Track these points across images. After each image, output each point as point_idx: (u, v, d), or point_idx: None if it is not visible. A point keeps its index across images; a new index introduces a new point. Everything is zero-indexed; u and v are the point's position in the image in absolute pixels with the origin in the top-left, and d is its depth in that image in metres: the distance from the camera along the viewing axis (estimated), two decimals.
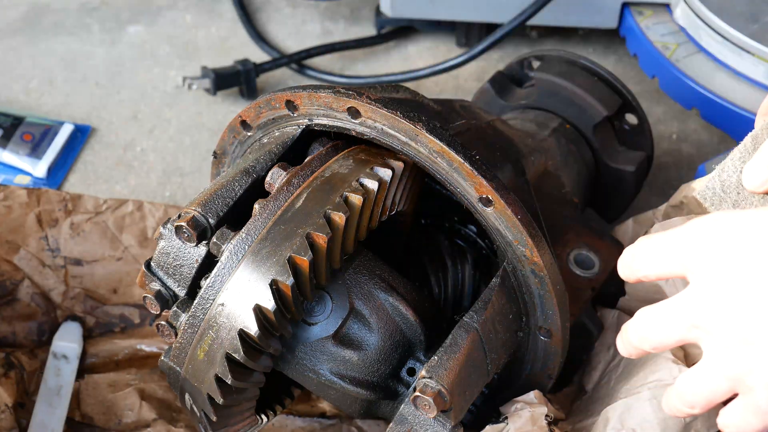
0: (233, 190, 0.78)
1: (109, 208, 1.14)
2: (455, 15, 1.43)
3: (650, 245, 0.63)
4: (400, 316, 0.81)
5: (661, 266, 0.62)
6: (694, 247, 0.59)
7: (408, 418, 0.76)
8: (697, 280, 0.59)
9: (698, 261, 0.58)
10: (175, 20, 1.58)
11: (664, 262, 0.61)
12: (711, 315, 0.58)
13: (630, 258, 0.64)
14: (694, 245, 0.59)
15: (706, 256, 0.58)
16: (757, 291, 0.55)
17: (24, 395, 1.03)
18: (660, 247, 0.62)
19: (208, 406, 0.75)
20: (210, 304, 0.73)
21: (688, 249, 0.59)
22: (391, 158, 0.80)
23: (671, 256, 0.61)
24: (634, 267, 0.64)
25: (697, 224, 0.59)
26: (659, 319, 0.61)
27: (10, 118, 1.36)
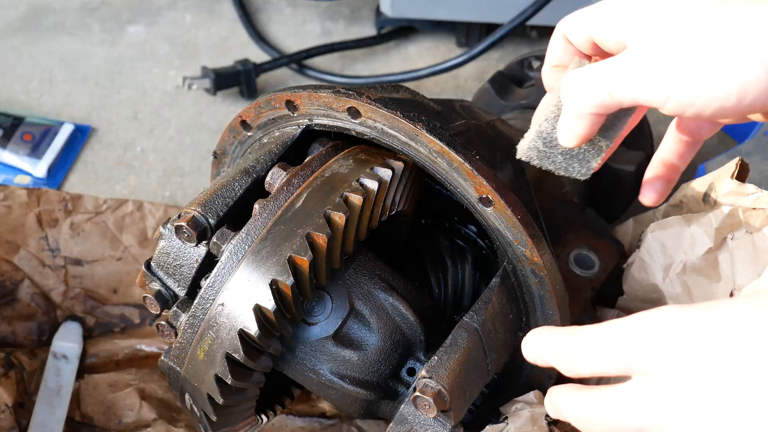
0: (233, 190, 0.79)
1: (109, 208, 1.14)
2: (455, 15, 1.43)
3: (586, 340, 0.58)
4: (400, 316, 0.81)
5: (599, 365, 0.57)
6: (641, 346, 0.55)
7: (408, 418, 0.76)
8: (646, 381, 0.55)
9: (647, 362, 0.54)
10: (175, 20, 1.58)
11: (603, 361, 0.56)
12: (664, 423, 0.54)
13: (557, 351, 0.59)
14: (641, 344, 0.55)
15: (656, 358, 0.54)
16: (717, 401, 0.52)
17: (24, 395, 1.03)
18: (598, 343, 0.57)
19: (208, 406, 0.75)
20: (210, 304, 0.73)
21: (633, 348, 0.55)
22: (391, 158, 0.80)
23: (612, 354, 0.56)
24: (570, 363, 0.59)
25: (642, 320, 0.55)
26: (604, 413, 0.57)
27: (10, 118, 1.36)
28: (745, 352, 0.51)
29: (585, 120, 0.65)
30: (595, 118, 0.65)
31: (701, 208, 0.91)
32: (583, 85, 0.63)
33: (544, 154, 0.70)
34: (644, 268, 0.93)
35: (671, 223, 0.92)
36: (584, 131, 0.66)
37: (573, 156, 0.70)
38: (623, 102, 0.62)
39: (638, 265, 0.94)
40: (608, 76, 0.62)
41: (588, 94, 0.63)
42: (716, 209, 0.87)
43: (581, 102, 0.64)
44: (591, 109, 0.64)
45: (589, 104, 0.64)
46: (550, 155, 0.70)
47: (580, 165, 0.70)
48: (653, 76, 0.59)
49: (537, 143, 0.70)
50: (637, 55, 0.61)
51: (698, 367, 0.52)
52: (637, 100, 0.61)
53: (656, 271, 0.93)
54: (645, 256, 0.93)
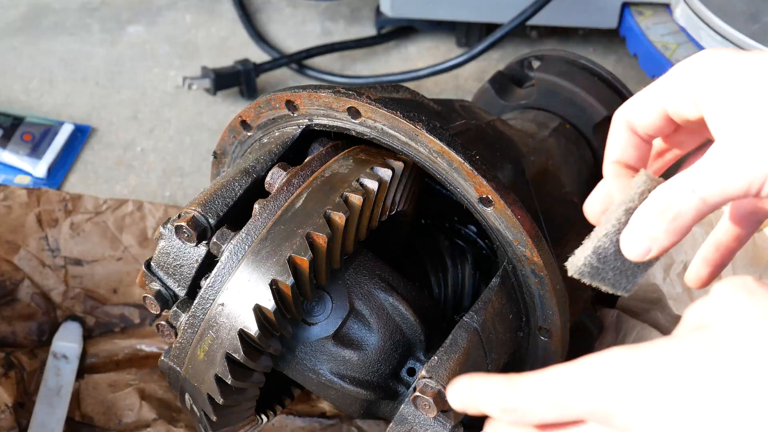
0: (233, 190, 0.78)
1: (109, 208, 1.14)
2: (455, 15, 1.43)
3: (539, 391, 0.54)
4: (400, 316, 0.81)
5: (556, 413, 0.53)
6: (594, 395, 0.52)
7: (408, 418, 0.76)
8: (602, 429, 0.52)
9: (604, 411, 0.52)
10: (175, 20, 1.58)
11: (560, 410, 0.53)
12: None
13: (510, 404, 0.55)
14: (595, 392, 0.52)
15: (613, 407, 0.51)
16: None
17: (24, 395, 1.03)
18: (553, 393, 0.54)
19: (208, 406, 0.75)
20: (210, 304, 0.73)
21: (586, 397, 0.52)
22: (391, 158, 0.80)
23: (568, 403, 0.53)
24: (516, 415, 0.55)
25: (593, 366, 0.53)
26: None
27: (10, 118, 1.36)
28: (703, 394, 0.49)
29: (674, 236, 0.60)
30: (684, 233, 0.60)
31: None
32: (676, 200, 0.58)
33: (596, 271, 0.66)
34: None
35: None
36: (665, 245, 0.60)
37: (623, 272, 0.66)
38: (718, 203, 0.58)
39: None
40: (698, 181, 0.57)
41: (683, 208, 0.58)
42: None
43: (677, 218, 0.59)
44: (687, 223, 0.59)
45: (685, 219, 0.59)
46: (602, 271, 0.66)
47: (627, 281, 0.67)
48: (746, 162, 0.55)
49: (592, 259, 0.65)
50: (725, 146, 0.56)
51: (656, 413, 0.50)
52: (731, 194, 0.57)
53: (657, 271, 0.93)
54: None
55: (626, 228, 0.62)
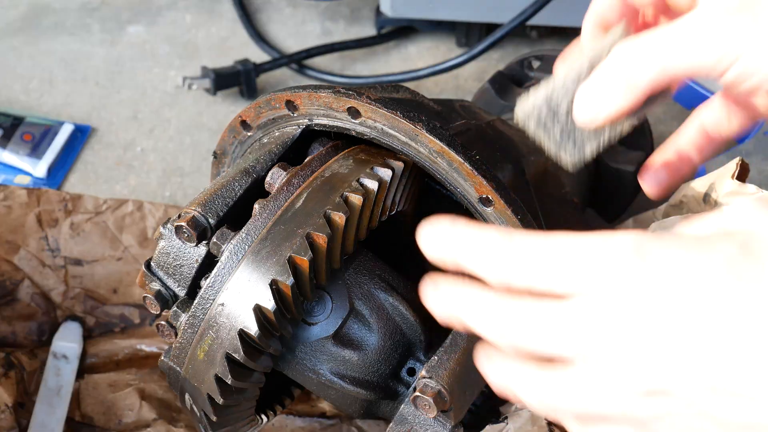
0: (233, 190, 0.79)
1: (109, 208, 1.14)
2: (455, 15, 1.43)
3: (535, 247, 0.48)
4: (400, 316, 0.81)
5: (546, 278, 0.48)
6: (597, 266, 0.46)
7: (408, 418, 0.76)
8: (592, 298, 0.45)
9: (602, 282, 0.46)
10: (175, 20, 1.58)
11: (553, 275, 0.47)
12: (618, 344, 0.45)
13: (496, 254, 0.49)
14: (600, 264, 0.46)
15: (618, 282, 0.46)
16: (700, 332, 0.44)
17: (24, 395, 1.03)
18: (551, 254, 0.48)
19: (208, 406, 0.75)
20: (210, 304, 0.73)
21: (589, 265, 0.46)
22: (391, 158, 0.80)
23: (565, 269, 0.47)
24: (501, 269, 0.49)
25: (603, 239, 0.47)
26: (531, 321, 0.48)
27: (10, 118, 1.36)
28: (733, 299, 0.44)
29: (622, 98, 0.55)
30: (634, 98, 0.55)
31: (702, 208, 0.91)
32: (638, 54, 0.54)
33: (542, 123, 0.60)
34: None
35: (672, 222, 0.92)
36: (612, 110, 0.56)
37: (571, 136, 0.60)
38: (677, 72, 0.53)
39: None
40: (664, 47, 0.53)
41: (642, 64, 0.54)
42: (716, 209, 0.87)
43: (631, 74, 0.54)
44: (640, 84, 0.54)
45: (640, 77, 0.54)
46: (548, 126, 0.60)
47: (573, 149, 0.61)
48: (717, 35, 0.52)
49: (542, 108, 0.60)
50: (701, 14, 0.53)
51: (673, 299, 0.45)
52: (694, 67, 0.53)
53: None
54: None
55: (584, 81, 0.57)
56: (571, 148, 0.62)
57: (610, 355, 0.46)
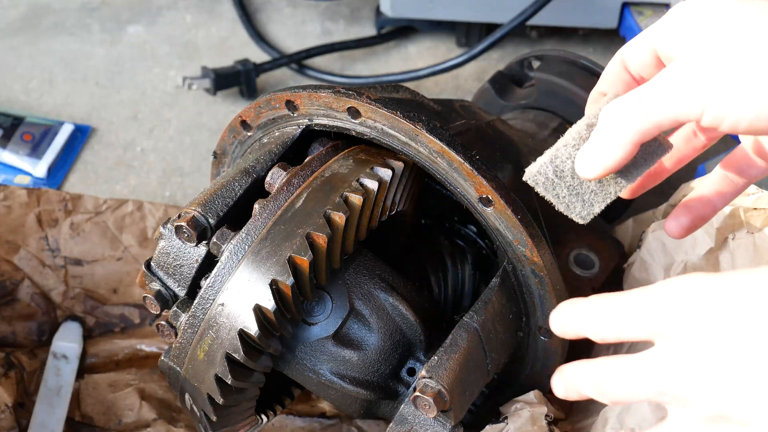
0: (233, 190, 0.78)
1: (109, 208, 1.14)
2: (455, 15, 1.43)
3: (613, 306, 0.58)
4: (400, 316, 0.81)
5: (625, 329, 0.57)
6: (664, 310, 0.55)
7: (408, 418, 0.76)
8: (668, 345, 0.55)
9: (670, 325, 0.54)
10: (175, 20, 1.58)
11: (629, 325, 0.57)
12: (681, 384, 0.54)
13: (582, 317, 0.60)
14: (665, 308, 0.55)
15: (679, 321, 0.54)
16: (736, 363, 0.52)
17: (24, 395, 1.03)
18: (624, 308, 0.57)
19: (208, 406, 0.75)
20: (210, 304, 0.73)
21: (657, 312, 0.55)
22: (391, 158, 0.80)
23: (637, 318, 0.56)
24: (588, 327, 0.59)
25: (669, 286, 0.55)
26: (621, 378, 0.57)
27: (10, 118, 1.36)
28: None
29: (616, 150, 0.61)
30: (627, 149, 0.61)
31: None
32: (622, 109, 0.60)
33: (550, 183, 0.65)
34: (645, 267, 0.93)
35: None
36: (610, 163, 0.61)
37: (578, 194, 0.65)
38: (662, 123, 0.59)
39: (639, 265, 0.94)
40: (646, 96, 0.59)
41: (626, 118, 0.59)
42: None
43: (620, 127, 0.60)
44: (629, 136, 0.60)
45: (627, 130, 0.60)
46: (556, 185, 0.65)
47: (582, 206, 0.66)
48: (690, 86, 0.57)
49: (547, 169, 0.65)
50: (676, 68, 0.58)
51: (721, 333, 0.52)
52: (673, 115, 0.58)
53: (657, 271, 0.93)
54: (646, 255, 0.93)
55: (584, 144, 0.63)
56: (580, 206, 0.66)
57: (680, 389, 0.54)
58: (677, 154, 0.71)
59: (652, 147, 0.63)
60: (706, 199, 0.72)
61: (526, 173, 0.66)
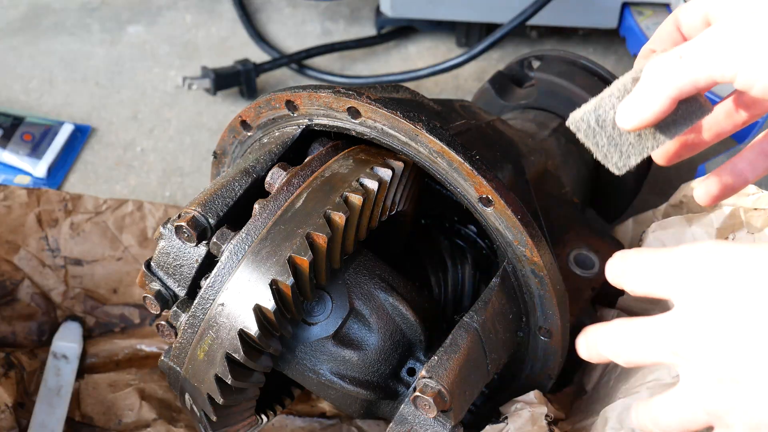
0: (233, 190, 0.78)
1: (109, 208, 1.14)
2: (455, 15, 1.43)
3: (640, 261, 0.61)
4: (400, 316, 0.81)
5: (648, 285, 0.60)
6: (683, 272, 0.58)
7: (408, 418, 0.76)
8: (683, 306, 0.57)
9: (686, 287, 0.57)
10: (175, 20, 1.58)
11: (652, 281, 0.60)
12: (694, 345, 0.56)
13: (619, 269, 0.63)
14: (684, 270, 0.58)
15: (694, 284, 0.57)
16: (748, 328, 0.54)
17: (24, 395, 1.03)
18: (649, 265, 0.60)
19: (208, 406, 0.75)
20: (210, 304, 0.73)
21: (677, 272, 0.58)
22: (391, 158, 0.80)
23: (659, 276, 0.59)
24: (622, 279, 0.63)
25: (689, 250, 0.58)
26: (637, 338, 0.60)
27: (10, 118, 1.36)
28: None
29: (655, 103, 0.63)
30: (665, 103, 0.63)
31: (702, 208, 0.91)
32: (664, 64, 0.62)
33: (591, 131, 0.68)
34: None
35: (672, 223, 0.92)
36: (649, 115, 0.64)
37: (617, 145, 0.67)
38: (698, 80, 0.61)
39: None
40: (686, 52, 0.61)
41: (667, 73, 0.62)
42: (717, 209, 0.87)
43: (659, 81, 0.62)
44: (667, 90, 0.62)
45: (666, 84, 0.62)
46: (597, 133, 0.68)
47: (619, 157, 0.68)
48: (726, 47, 0.59)
49: (590, 116, 0.67)
50: (716, 30, 0.61)
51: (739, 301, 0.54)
52: (709, 73, 0.60)
53: None
54: None
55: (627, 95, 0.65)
56: (617, 157, 0.68)
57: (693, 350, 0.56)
58: (716, 127, 0.72)
59: (692, 107, 0.65)
60: (738, 170, 0.73)
61: (569, 118, 0.68)
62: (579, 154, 1.09)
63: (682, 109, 0.65)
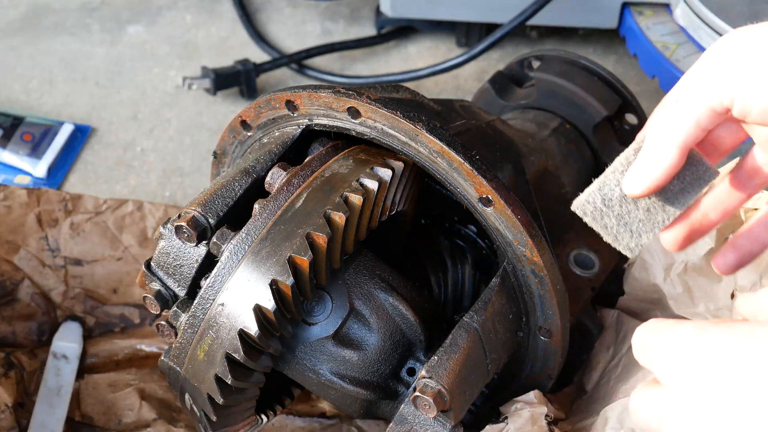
0: (233, 190, 0.78)
1: (109, 208, 1.14)
2: (455, 15, 1.43)
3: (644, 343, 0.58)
4: (400, 316, 0.81)
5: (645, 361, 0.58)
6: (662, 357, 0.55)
7: (408, 418, 0.76)
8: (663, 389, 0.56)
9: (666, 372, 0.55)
10: (175, 20, 1.58)
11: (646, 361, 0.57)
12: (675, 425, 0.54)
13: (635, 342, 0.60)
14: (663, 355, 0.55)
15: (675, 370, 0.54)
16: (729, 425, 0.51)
17: (24, 395, 1.03)
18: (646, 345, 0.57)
19: (208, 406, 0.75)
20: (210, 304, 0.73)
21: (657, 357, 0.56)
22: (391, 158, 0.80)
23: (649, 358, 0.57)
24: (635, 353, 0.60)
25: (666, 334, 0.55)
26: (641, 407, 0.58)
27: (10, 118, 1.36)
28: None
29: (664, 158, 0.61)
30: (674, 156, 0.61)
31: None
32: (662, 116, 0.61)
33: (599, 212, 0.66)
34: (645, 267, 0.93)
35: None
36: (659, 174, 0.62)
37: (626, 224, 0.65)
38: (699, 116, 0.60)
39: (639, 265, 0.94)
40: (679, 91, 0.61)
41: (669, 122, 0.61)
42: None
43: (663, 133, 0.61)
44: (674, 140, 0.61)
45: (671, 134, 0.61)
46: (604, 214, 0.66)
47: (630, 237, 0.66)
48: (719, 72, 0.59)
49: (595, 197, 0.66)
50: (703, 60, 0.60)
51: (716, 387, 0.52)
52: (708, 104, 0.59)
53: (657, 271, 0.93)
54: (646, 255, 0.93)
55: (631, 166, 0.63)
56: (628, 237, 0.66)
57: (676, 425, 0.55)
58: (722, 205, 0.69)
59: (698, 171, 0.64)
60: (755, 235, 0.71)
61: (574, 203, 0.67)
62: (579, 154, 1.09)
63: (688, 175, 0.64)
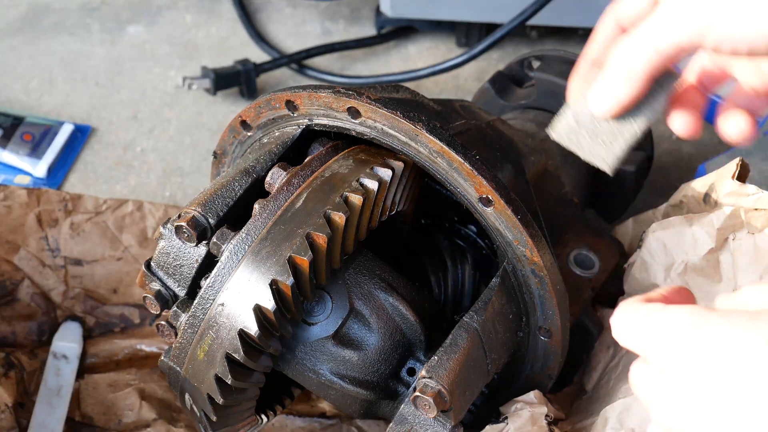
0: (233, 190, 0.79)
1: (109, 208, 1.14)
2: (455, 15, 1.43)
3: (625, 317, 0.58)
4: (400, 316, 0.81)
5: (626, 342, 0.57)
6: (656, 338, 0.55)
7: (408, 418, 0.76)
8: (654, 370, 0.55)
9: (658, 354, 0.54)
10: (175, 20, 1.58)
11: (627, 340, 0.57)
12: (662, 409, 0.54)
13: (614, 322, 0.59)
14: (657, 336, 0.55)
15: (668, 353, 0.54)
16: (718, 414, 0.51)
17: (24, 395, 1.03)
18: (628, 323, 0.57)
19: (208, 406, 0.75)
20: (210, 304, 0.73)
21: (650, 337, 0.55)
22: (391, 158, 0.80)
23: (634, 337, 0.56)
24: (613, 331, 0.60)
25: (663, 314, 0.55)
26: None
27: (10, 118, 1.36)
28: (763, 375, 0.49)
29: (627, 85, 0.63)
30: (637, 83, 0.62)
31: (702, 208, 0.91)
32: (629, 46, 0.62)
33: (574, 133, 0.67)
34: (645, 267, 0.93)
35: (673, 223, 0.92)
36: (622, 97, 0.63)
37: (598, 135, 0.66)
38: (667, 51, 0.60)
39: (639, 265, 0.94)
40: (649, 28, 0.61)
41: (635, 53, 0.61)
42: (717, 210, 0.87)
43: (628, 64, 0.62)
44: (638, 70, 0.62)
45: (636, 65, 0.62)
46: (578, 133, 0.67)
47: (604, 149, 0.67)
48: (691, 8, 0.59)
49: (569, 119, 0.67)
50: None
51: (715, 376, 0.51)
52: (677, 41, 0.60)
53: (657, 271, 0.93)
54: (646, 255, 0.93)
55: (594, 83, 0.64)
56: (603, 150, 0.67)
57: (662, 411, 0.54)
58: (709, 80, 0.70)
59: (662, 77, 0.64)
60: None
61: (554, 131, 0.68)
62: None
63: (654, 85, 0.64)
